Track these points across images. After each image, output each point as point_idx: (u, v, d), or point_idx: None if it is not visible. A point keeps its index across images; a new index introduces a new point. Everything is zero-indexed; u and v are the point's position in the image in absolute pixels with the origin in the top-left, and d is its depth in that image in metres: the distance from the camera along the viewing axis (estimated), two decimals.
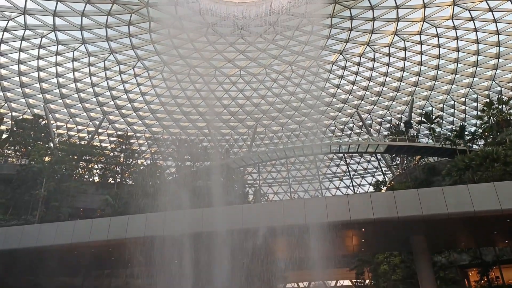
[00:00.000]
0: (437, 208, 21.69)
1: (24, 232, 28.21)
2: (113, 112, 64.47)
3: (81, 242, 26.65)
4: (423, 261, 25.40)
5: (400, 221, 22.39)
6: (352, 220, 22.73)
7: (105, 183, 51.32)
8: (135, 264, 31.78)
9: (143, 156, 65.68)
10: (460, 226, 24.02)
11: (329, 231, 19.76)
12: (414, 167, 51.82)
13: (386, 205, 22.67)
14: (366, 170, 76.38)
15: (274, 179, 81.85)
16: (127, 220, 26.92)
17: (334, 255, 36.81)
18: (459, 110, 61.56)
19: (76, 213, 44.96)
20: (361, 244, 29.16)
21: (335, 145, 59.25)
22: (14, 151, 50.38)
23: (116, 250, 28.33)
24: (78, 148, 50.83)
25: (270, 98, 68.00)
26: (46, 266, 29.62)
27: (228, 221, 24.24)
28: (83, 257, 30.10)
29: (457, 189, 23.44)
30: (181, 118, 68.99)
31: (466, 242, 29.73)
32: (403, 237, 25.78)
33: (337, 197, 47.22)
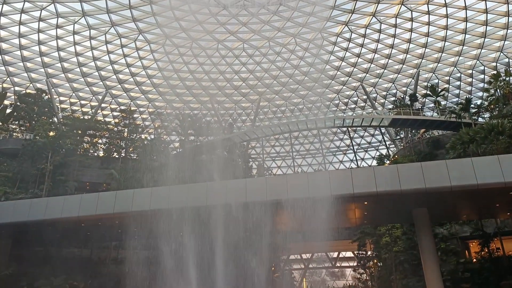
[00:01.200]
0: (440, 181, 21.75)
1: (32, 205, 28.75)
2: (116, 87, 64.16)
3: (88, 215, 27.16)
4: (425, 233, 25.72)
5: (402, 194, 22.52)
6: (355, 194, 22.88)
7: (110, 158, 51.73)
8: (141, 236, 32.52)
9: (147, 130, 65.82)
10: (463, 199, 24.15)
11: (332, 205, 19.95)
12: (418, 140, 51.63)
13: (389, 178, 22.74)
14: (370, 144, 76.30)
15: (277, 153, 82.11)
16: (132, 194, 27.29)
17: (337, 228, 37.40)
18: (465, 83, 60.70)
19: (82, 187, 45.58)
20: (363, 216, 29.49)
21: (339, 119, 58.92)
22: (19, 126, 50.59)
23: (122, 223, 28.88)
24: (82, 123, 50.96)
25: (274, 71, 67.22)
26: (54, 238, 30.35)
27: (232, 195, 24.51)
28: (91, 230, 30.75)
29: (460, 162, 23.39)
30: (184, 92, 68.62)
31: (468, 215, 29.98)
32: (405, 210, 26.01)
33: (340, 171, 47.42)
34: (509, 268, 29.76)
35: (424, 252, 25.36)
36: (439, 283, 24.31)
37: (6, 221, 28.22)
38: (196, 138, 54.13)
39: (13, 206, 29.31)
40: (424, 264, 25.23)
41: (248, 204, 23.10)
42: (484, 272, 30.03)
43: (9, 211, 28.55)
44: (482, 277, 29.82)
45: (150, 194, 26.43)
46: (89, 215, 27.07)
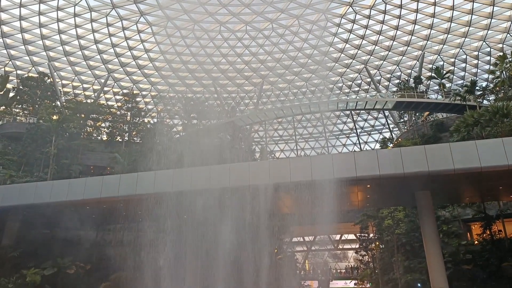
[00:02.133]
0: (443, 164, 21.72)
1: (38, 188, 29.10)
2: (118, 70, 63.86)
3: (92, 198, 27.47)
4: (427, 216, 25.86)
5: (405, 177, 22.55)
6: (358, 177, 22.93)
7: (113, 142, 51.92)
8: (146, 219, 32.89)
9: (150, 114, 65.74)
10: (466, 182, 24.17)
11: (334, 188, 20.02)
12: (422, 123, 51.35)
13: (392, 161, 22.75)
14: (373, 127, 76.00)
15: (280, 136, 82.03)
16: (136, 177, 27.48)
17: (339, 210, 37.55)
18: (471, 65, 59.89)
19: (86, 170, 45.91)
20: (366, 199, 29.64)
21: (342, 102, 58.53)
22: (22, 110, 50.70)
23: (127, 206, 29.19)
24: (85, 107, 50.97)
25: (277, 54, 66.54)
26: (60, 220, 30.77)
27: (235, 178, 24.62)
28: (96, 212, 31.14)
29: (464, 145, 23.34)
30: (186, 75, 68.23)
31: (470, 197, 30.04)
32: (408, 192, 26.09)
33: (343, 154, 47.47)
34: (510, 250, 29.98)
35: (426, 234, 25.55)
36: (440, 265, 24.57)
37: (13, 204, 28.64)
38: (199, 122, 54.10)
39: (19, 189, 29.69)
40: (426, 246, 25.45)
41: (250, 187, 23.22)
42: (486, 254, 30.28)
43: (15, 194, 28.94)
44: (483, 258, 30.08)
45: (154, 177, 26.62)
46: (93, 198, 27.38)
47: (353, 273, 53.28)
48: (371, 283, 41.37)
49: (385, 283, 36.09)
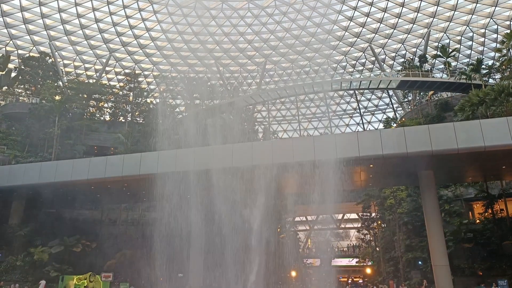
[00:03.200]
0: (447, 144, 21.68)
1: (42, 168, 29.36)
2: (119, 50, 63.24)
3: (97, 178, 27.71)
4: (430, 195, 25.97)
5: (409, 157, 22.56)
6: (361, 157, 22.97)
7: (116, 122, 51.92)
8: (150, 198, 33.22)
9: (152, 95, 65.46)
10: (469, 161, 24.13)
11: (337, 167, 20.05)
12: (426, 103, 50.90)
13: (396, 141, 22.70)
14: (377, 107, 75.44)
15: (283, 117, 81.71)
16: (140, 157, 27.62)
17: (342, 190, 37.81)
18: (477, 43, 58.79)
19: (90, 150, 46.11)
20: (369, 179, 29.73)
21: (346, 82, 57.92)
22: (24, 90, 50.59)
23: (131, 185, 29.45)
24: (87, 87, 50.75)
25: (280, 33, 65.53)
26: (66, 200, 31.17)
27: (238, 159, 24.68)
28: (100, 192, 31.45)
29: (468, 124, 23.18)
30: (188, 55, 67.53)
31: (473, 177, 30.07)
32: (411, 172, 26.13)
33: (346, 134, 47.34)
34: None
35: (428, 214, 25.73)
36: (441, 243, 24.82)
37: (18, 184, 28.98)
38: (202, 102, 53.85)
39: (24, 169, 29.99)
40: (428, 225, 25.67)
41: (253, 167, 23.29)
42: (487, 233, 30.54)
43: (21, 174, 29.24)
44: (484, 237, 30.36)
45: (158, 157, 26.74)
46: (98, 178, 27.61)
47: (355, 252, 54.03)
48: (372, 261, 41.99)
49: (386, 261, 36.61)
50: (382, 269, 36.73)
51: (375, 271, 39.85)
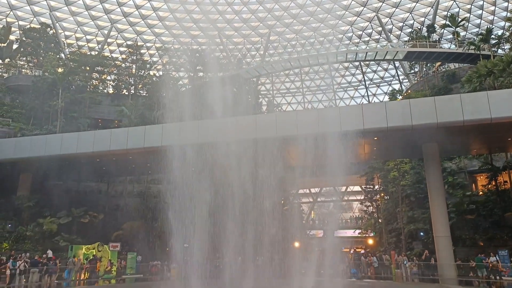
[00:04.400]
0: (453, 116, 21.52)
1: (48, 141, 29.58)
2: (121, 20, 62.14)
3: (102, 151, 27.93)
4: (433, 167, 25.99)
5: (414, 129, 22.44)
6: (365, 129, 22.88)
7: (120, 95, 51.75)
8: (155, 171, 33.51)
9: (155, 67, 64.82)
10: (474, 134, 23.98)
11: (341, 140, 19.98)
12: (433, 74, 50.04)
13: (401, 113, 22.55)
14: (382, 79, 74.35)
15: (287, 89, 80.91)
16: (144, 130, 27.71)
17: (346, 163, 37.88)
18: (487, 12, 57.09)
19: (94, 123, 46.27)
20: (372, 152, 29.71)
21: (351, 53, 56.86)
22: (27, 62, 50.26)
23: (136, 158, 29.67)
24: (90, 59, 50.29)
25: (284, 2, 63.84)
26: (73, 172, 31.54)
27: (242, 131, 24.62)
28: (106, 165, 31.74)
29: (475, 96, 22.90)
30: (191, 26, 66.27)
31: (478, 149, 29.93)
32: (415, 145, 26.03)
33: (351, 107, 46.94)
34: None
35: (431, 186, 25.83)
36: (443, 215, 25.06)
37: (25, 156, 29.28)
38: (205, 75, 53.29)
39: (29, 142, 30.22)
40: (431, 197, 25.83)
41: (257, 140, 23.26)
42: (489, 204, 30.73)
43: (27, 146, 29.49)
44: (487, 209, 30.59)
45: (161, 130, 26.80)
46: (103, 150, 27.82)
47: (358, 223, 54.76)
48: (374, 232, 42.64)
49: (388, 232, 37.15)
50: (384, 240, 37.33)
51: (377, 242, 40.52)
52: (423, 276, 24.19)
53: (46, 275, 22.58)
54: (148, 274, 27.06)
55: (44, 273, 22.48)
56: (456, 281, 22.16)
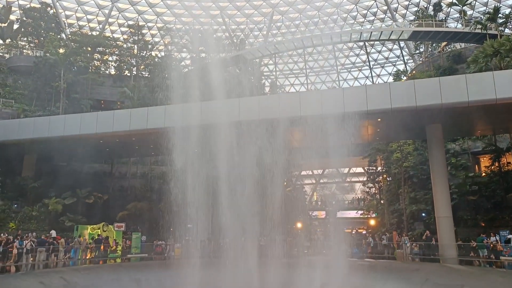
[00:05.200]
0: (457, 97, 21.36)
1: (51, 122, 29.66)
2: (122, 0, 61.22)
3: (105, 132, 28.01)
4: (437, 149, 25.92)
5: (418, 110, 22.32)
6: (369, 110, 22.78)
7: (122, 76, 51.51)
8: (158, 152, 33.64)
9: (157, 47, 64.18)
10: (479, 114, 23.78)
11: (345, 122, 19.90)
12: (438, 54, 49.33)
13: (405, 94, 22.40)
14: (387, 60, 73.40)
15: (291, 70, 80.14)
16: (146, 111, 27.68)
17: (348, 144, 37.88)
18: None
19: (97, 105, 46.24)
20: (376, 133, 29.61)
21: (356, 33, 55.95)
22: (28, 43, 49.89)
23: (139, 140, 29.74)
24: (91, 39, 49.85)
25: None
26: (76, 154, 31.70)
27: (244, 113, 24.56)
28: (109, 146, 31.88)
29: (481, 76, 22.63)
30: (193, 5, 65.25)
31: (482, 130, 29.75)
32: (419, 126, 25.90)
33: (354, 88, 46.50)
34: None
35: (434, 167, 25.83)
36: (446, 196, 25.14)
37: (28, 137, 29.42)
38: (207, 55, 52.77)
39: (33, 123, 30.31)
40: (433, 178, 25.86)
41: (260, 121, 23.19)
42: (492, 185, 30.77)
43: (30, 127, 29.60)
44: (489, 190, 30.64)
45: (164, 112, 26.74)
46: (106, 132, 27.89)
47: (360, 205, 55.11)
48: (376, 213, 42.93)
49: (390, 213, 37.40)
50: (386, 221, 37.61)
51: (379, 222, 40.84)
52: (424, 256, 24.45)
53: (52, 254, 23.00)
54: (152, 254, 27.52)
55: (51, 252, 22.90)
56: (457, 260, 22.41)
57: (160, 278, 19.96)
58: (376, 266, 21.41)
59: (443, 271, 18.84)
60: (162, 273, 20.48)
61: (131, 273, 20.17)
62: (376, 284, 18.63)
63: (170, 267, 20.99)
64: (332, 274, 17.49)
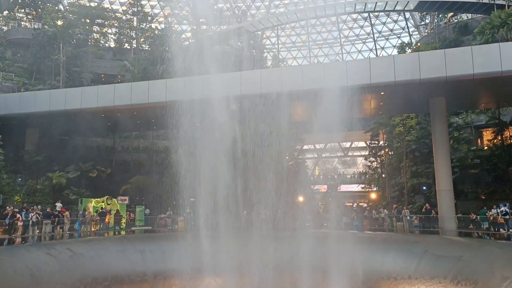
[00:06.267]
0: (462, 69, 21.07)
1: (52, 96, 29.55)
2: None
3: (106, 106, 27.90)
4: (440, 122, 25.78)
5: (422, 83, 22.04)
6: (372, 84, 22.58)
7: (122, 49, 50.82)
8: (160, 127, 33.63)
9: (157, 19, 62.88)
10: (484, 87, 23.51)
11: (347, 95, 19.73)
12: (444, 26, 48.25)
13: (409, 67, 22.10)
14: (392, 31, 71.90)
15: (293, 43, 78.77)
16: (147, 85, 27.47)
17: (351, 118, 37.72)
18: None
19: (97, 78, 45.86)
20: (379, 107, 29.40)
21: (360, 3, 54.57)
22: (26, 15, 49.00)
23: (140, 114, 29.65)
24: (89, 11, 48.88)
25: None
26: (78, 128, 31.72)
27: (247, 86, 24.35)
28: (111, 120, 31.83)
29: (487, 48, 22.22)
30: None
31: (486, 103, 29.44)
32: (422, 99, 25.64)
33: (358, 61, 45.83)
34: None
35: (437, 141, 25.78)
36: (447, 169, 25.21)
37: (29, 111, 29.39)
38: (208, 28, 51.83)
39: (34, 97, 30.22)
40: (435, 151, 25.86)
41: (262, 95, 23.01)
42: (494, 159, 30.79)
43: (31, 101, 29.54)
44: (491, 163, 30.69)
45: (165, 85, 26.54)
46: (107, 106, 27.78)
47: (361, 178, 55.46)
48: (377, 186, 43.25)
49: (391, 186, 37.66)
50: (386, 194, 37.93)
51: (379, 196, 41.21)
52: (423, 228, 24.80)
53: (58, 226, 23.43)
54: (156, 226, 27.99)
55: (56, 225, 23.32)
56: (456, 232, 22.74)
57: (164, 249, 20.39)
58: (376, 238, 21.76)
59: (442, 242, 19.15)
60: (166, 244, 20.89)
61: (135, 244, 20.59)
62: (375, 255, 18.99)
63: (173, 239, 21.41)
64: (332, 246, 17.83)
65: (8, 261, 14.58)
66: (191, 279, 18.22)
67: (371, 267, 18.19)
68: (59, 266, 16.11)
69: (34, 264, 15.28)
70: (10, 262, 14.55)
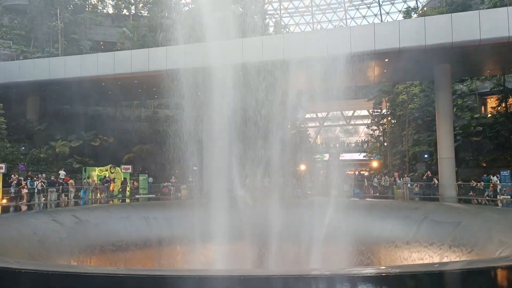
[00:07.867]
0: (469, 35, 20.64)
1: (51, 64, 29.21)
2: None
3: (106, 75, 27.63)
4: (444, 90, 25.50)
5: (427, 50, 21.62)
6: (376, 50, 22.22)
7: (120, 15, 49.60)
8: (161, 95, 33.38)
9: None
10: (490, 53, 23.07)
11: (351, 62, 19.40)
12: None
13: (414, 33, 21.66)
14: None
15: (296, 8, 76.71)
16: (147, 53, 27.06)
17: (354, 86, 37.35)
18: None
19: (96, 46, 45.07)
20: (382, 74, 29.00)
21: None
22: None
23: (141, 82, 29.39)
24: None
25: None
26: (79, 96, 31.54)
27: (248, 54, 23.95)
28: (111, 89, 31.58)
29: (495, 12, 21.64)
30: None
31: (492, 70, 28.97)
32: (427, 66, 25.25)
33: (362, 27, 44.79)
34: None
35: (440, 108, 25.60)
36: (449, 137, 25.18)
37: (29, 79, 29.19)
38: None
39: (32, 65, 29.93)
40: (438, 119, 25.73)
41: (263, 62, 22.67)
42: (497, 126, 30.70)
43: (30, 69, 29.28)
44: (493, 130, 30.62)
45: (166, 53, 26.12)
46: (107, 74, 27.51)
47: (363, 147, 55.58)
48: (379, 155, 43.42)
49: (393, 155, 37.81)
50: (388, 162, 38.13)
51: (381, 164, 41.43)
52: (424, 195, 25.09)
53: (63, 194, 23.83)
54: (159, 194, 28.42)
55: (62, 192, 23.70)
56: (456, 199, 23.01)
57: (167, 216, 20.78)
58: (376, 205, 22.05)
59: (442, 209, 19.39)
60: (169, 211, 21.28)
61: (140, 211, 20.97)
62: (375, 221, 19.31)
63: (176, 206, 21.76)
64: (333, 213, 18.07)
65: (16, 227, 14.89)
66: (195, 245, 18.67)
67: (370, 233, 18.55)
68: (66, 232, 16.47)
69: (42, 230, 15.61)
70: (18, 229, 14.87)
